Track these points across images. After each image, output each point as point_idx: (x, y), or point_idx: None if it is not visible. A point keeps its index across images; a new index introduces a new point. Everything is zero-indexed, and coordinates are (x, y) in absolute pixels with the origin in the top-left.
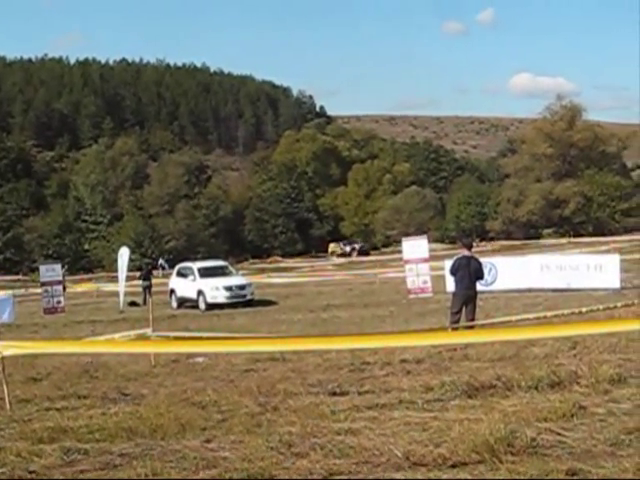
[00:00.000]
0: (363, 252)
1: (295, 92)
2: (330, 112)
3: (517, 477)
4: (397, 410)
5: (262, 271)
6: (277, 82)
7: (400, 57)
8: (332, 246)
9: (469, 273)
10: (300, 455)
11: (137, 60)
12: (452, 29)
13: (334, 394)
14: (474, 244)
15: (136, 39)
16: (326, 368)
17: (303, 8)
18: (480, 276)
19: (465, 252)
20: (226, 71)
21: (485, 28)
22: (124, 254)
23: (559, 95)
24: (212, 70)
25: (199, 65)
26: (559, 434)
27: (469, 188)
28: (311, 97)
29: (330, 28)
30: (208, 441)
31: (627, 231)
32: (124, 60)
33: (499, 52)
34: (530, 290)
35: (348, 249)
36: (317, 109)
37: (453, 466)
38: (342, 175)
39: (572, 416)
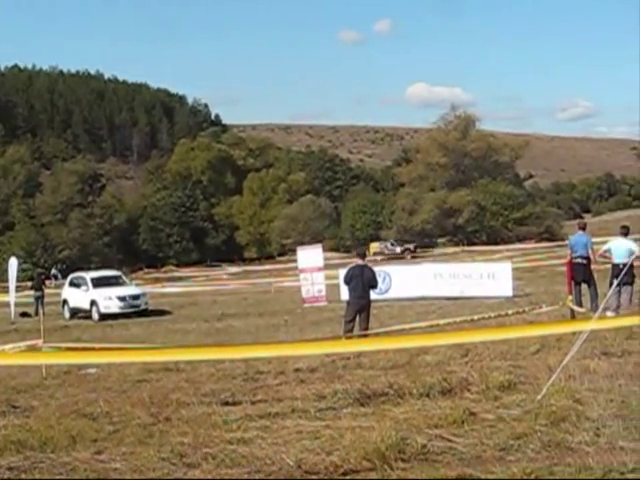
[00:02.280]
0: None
1: (190, 100)
2: (226, 121)
3: None
4: (290, 419)
5: (157, 280)
6: (172, 90)
7: (296, 66)
8: (374, 246)
9: (362, 282)
10: (192, 465)
11: (29, 66)
12: (348, 38)
13: (227, 404)
14: (367, 253)
15: (28, 45)
16: (219, 378)
17: (199, 17)
18: (373, 285)
19: (359, 261)
20: (121, 79)
21: (382, 38)
22: (13, 264)
23: (453, 105)
24: (106, 77)
25: (93, 72)
26: (449, 440)
27: (364, 197)
28: (206, 105)
29: (226, 37)
30: (99, 453)
31: (520, 240)
32: (16, 66)
33: (396, 62)
34: (424, 298)
35: (399, 249)
36: (212, 118)
37: (344, 474)
38: (237, 184)
39: (462, 422)
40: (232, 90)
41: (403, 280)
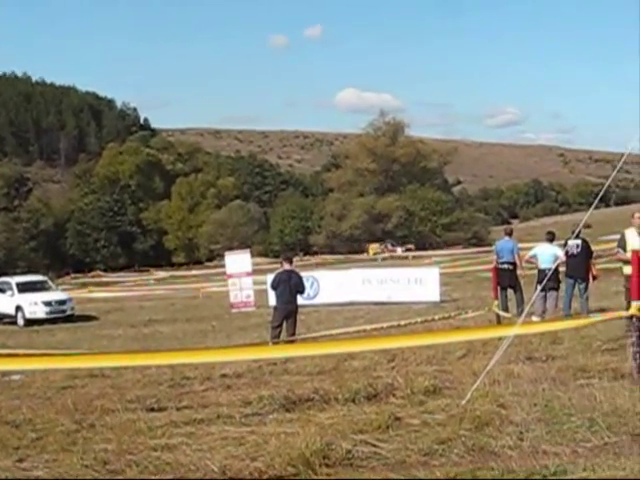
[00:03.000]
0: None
1: (119, 104)
2: (154, 125)
3: None
4: (215, 425)
5: (83, 286)
6: (101, 94)
7: (226, 70)
8: (373, 247)
9: (290, 287)
10: (115, 472)
11: None
12: (279, 43)
13: (152, 410)
14: (297, 258)
15: None
16: (145, 384)
17: (129, 19)
18: (301, 290)
19: (286, 266)
20: (48, 81)
21: (312, 43)
22: None
23: (382, 111)
24: (34, 80)
25: (20, 74)
26: (374, 445)
27: (293, 202)
28: (135, 109)
29: (156, 40)
30: (21, 460)
31: (448, 245)
32: None
33: (326, 67)
34: (352, 303)
35: (400, 250)
36: (141, 122)
37: None
38: (166, 189)
39: (387, 427)
40: (161, 94)
41: (331, 285)
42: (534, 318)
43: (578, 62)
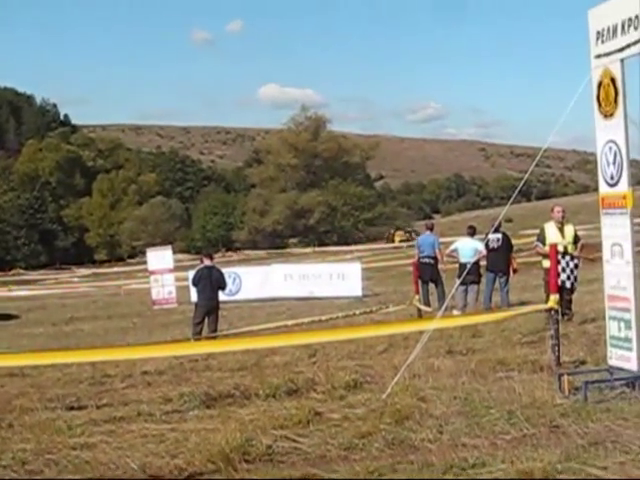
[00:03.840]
0: None
1: (39, 100)
2: (75, 121)
3: None
4: (135, 423)
5: (3, 284)
6: (20, 89)
7: (147, 66)
8: (399, 234)
9: (211, 283)
10: (34, 472)
11: None
12: (200, 38)
13: (72, 408)
14: (220, 254)
15: None
16: (66, 382)
17: (49, 14)
18: (222, 286)
19: (207, 262)
20: None
21: (234, 38)
22: None
23: (304, 106)
24: None
25: None
26: (294, 441)
27: (215, 198)
28: (55, 105)
29: (77, 35)
30: None
31: (370, 240)
32: None
33: (248, 62)
34: (274, 299)
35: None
36: (61, 118)
37: (189, 477)
38: (87, 185)
39: (308, 422)
40: (82, 90)
41: (253, 281)
42: (455, 312)
43: (498, 57)
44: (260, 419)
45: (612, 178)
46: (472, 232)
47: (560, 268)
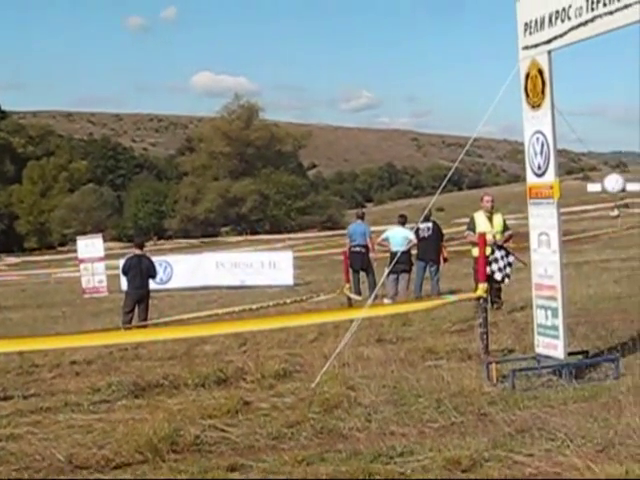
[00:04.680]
0: None
1: None
2: (5, 107)
3: (178, 476)
4: (62, 413)
5: None
6: None
7: (80, 51)
8: None
9: (141, 272)
10: None
11: None
12: (135, 24)
13: None
14: (152, 242)
15: None
16: None
17: None
18: (152, 275)
19: (136, 251)
20: None
21: (168, 25)
22: None
23: (237, 94)
24: None
25: None
26: (223, 430)
27: (147, 186)
28: None
29: (4, 19)
30: None
31: (302, 229)
32: None
33: (182, 49)
34: (206, 288)
35: None
36: None
37: (116, 467)
38: (17, 172)
39: (237, 412)
40: (12, 76)
41: (185, 269)
42: (386, 301)
43: (432, 46)
44: (189, 409)
45: (539, 168)
46: (403, 221)
47: (493, 258)
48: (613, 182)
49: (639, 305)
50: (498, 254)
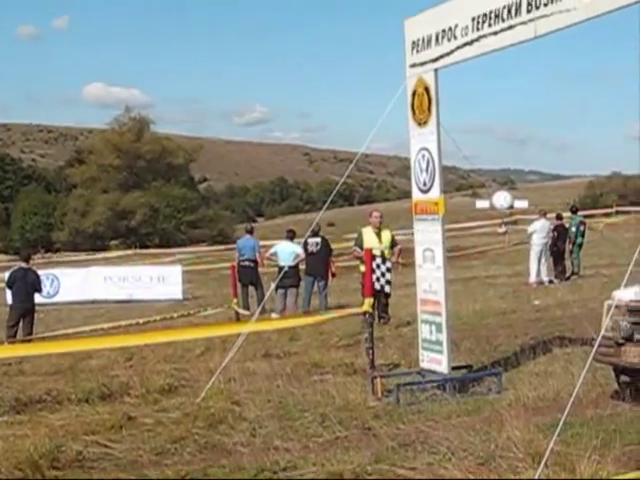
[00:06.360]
0: None
1: None
2: None
3: None
4: None
5: None
6: None
7: None
8: None
9: (26, 285)
10: None
11: None
12: (26, 33)
13: None
14: (40, 255)
15: None
16: None
17: None
18: (37, 288)
19: (22, 264)
20: None
21: (61, 34)
22: None
23: (128, 107)
24: None
25: None
26: (106, 446)
27: (35, 198)
28: None
29: None
30: None
31: (192, 242)
32: None
33: (74, 60)
34: (93, 302)
35: None
36: None
37: None
38: None
39: (120, 427)
40: None
41: (72, 283)
42: (274, 315)
43: (324, 62)
44: (71, 424)
45: (425, 185)
46: (291, 236)
47: (380, 273)
48: (501, 199)
49: (523, 320)
50: (374, 264)
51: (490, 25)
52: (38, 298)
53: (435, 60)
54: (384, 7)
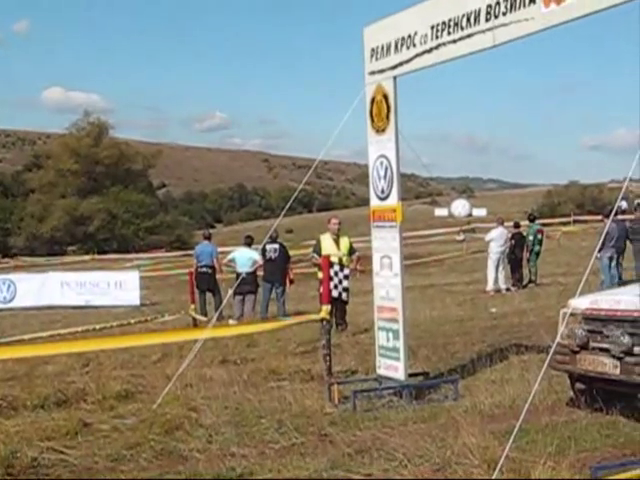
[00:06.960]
0: None
1: None
2: None
3: None
4: None
5: None
6: None
7: None
8: None
9: None
10: None
11: None
12: None
13: None
14: None
15: None
16: None
17: None
18: None
19: None
20: None
21: (20, 38)
22: None
23: (86, 111)
24: None
25: None
26: (62, 452)
27: None
28: None
29: None
30: None
31: (150, 248)
32: None
33: (33, 64)
34: (50, 307)
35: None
36: None
37: None
38: None
39: (76, 434)
40: None
41: (29, 288)
42: (231, 321)
43: (285, 69)
44: (26, 430)
45: (383, 192)
46: (249, 242)
47: (338, 280)
48: (460, 207)
49: (480, 328)
50: (332, 271)
51: (449, 33)
52: None
53: (394, 67)
54: (344, 15)
